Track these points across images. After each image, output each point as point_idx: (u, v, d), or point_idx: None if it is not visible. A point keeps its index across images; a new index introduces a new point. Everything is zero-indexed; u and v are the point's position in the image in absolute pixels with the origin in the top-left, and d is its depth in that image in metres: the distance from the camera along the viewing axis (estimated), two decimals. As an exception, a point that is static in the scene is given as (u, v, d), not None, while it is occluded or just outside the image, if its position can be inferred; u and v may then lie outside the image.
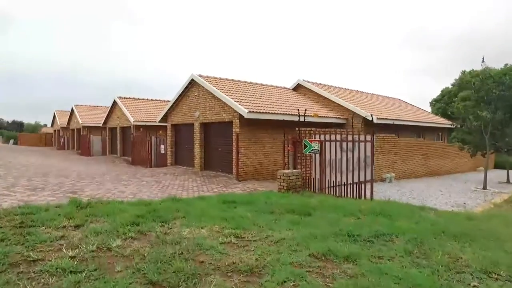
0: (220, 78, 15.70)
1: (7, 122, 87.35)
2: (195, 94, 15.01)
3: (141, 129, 20.93)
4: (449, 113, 34.22)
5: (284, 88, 19.14)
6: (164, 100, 25.20)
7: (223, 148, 13.83)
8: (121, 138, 24.04)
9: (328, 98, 17.24)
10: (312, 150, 9.65)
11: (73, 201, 5.54)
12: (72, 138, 34.18)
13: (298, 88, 19.17)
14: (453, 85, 36.85)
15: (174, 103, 16.61)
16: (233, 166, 12.84)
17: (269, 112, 12.82)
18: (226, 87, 14.46)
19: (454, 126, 24.62)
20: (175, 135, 17.33)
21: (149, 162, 17.97)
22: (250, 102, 13.20)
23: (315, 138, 9.91)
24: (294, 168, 9.82)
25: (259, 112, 12.41)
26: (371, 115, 15.36)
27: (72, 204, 5.44)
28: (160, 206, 6.17)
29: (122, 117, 22.97)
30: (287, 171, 9.17)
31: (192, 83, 15.32)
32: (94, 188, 7.81)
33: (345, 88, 21.54)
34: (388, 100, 24.06)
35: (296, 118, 13.18)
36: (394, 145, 15.34)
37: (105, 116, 25.99)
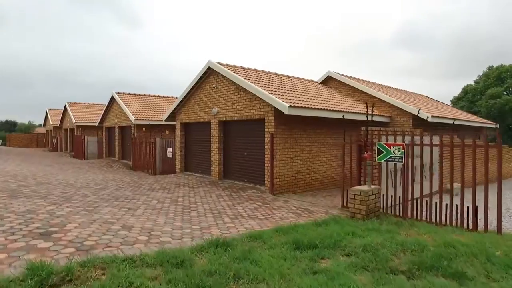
0: (242, 67, 12.93)
1: (1, 122, 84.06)
2: (213, 86, 12.22)
3: (143, 128, 18.11)
4: (474, 111, 31.75)
5: (312, 81, 16.40)
6: (170, 97, 22.38)
7: (250, 153, 11.04)
8: (119, 139, 21.17)
9: (366, 93, 14.51)
10: (390, 157, 6.91)
11: (33, 271, 2.74)
12: (65, 139, 31.22)
13: (327, 81, 16.44)
14: (476, 82, 34.31)
15: (184, 97, 13.81)
16: (265, 176, 10.07)
17: (317, 108, 10.09)
18: (252, 77, 11.69)
19: (496, 126, 22.09)
20: (185, 136, 14.52)
21: (154, 167, 15.15)
22: (286, 96, 10.42)
23: (395, 141, 7.15)
24: (359, 183, 7.06)
25: (305, 107, 9.66)
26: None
27: (29, 283, 2.63)
28: (202, 265, 3.39)
29: (121, 115, 20.13)
30: (364, 188, 6.39)
31: (208, 73, 12.53)
32: (84, 220, 4.96)
33: (374, 82, 18.82)
34: (420, 97, 21.39)
35: (352, 117, 10.62)
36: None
37: (102, 115, 23.09)
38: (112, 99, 21.40)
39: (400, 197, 6.99)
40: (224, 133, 12.20)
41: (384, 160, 7.09)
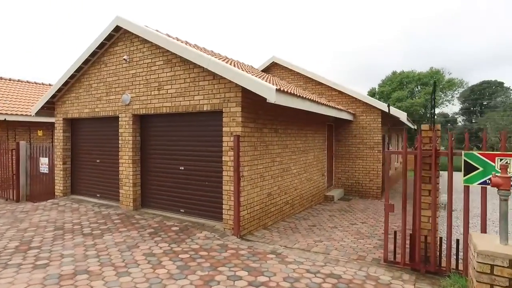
0: (168, 34, 8.48)
1: None
2: (124, 58, 7.53)
3: (-2, 127, 11.72)
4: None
5: (252, 67, 12.83)
6: (46, 84, 15.86)
7: (191, 166, 6.82)
8: (-42, 144, 13.83)
9: (324, 84, 11.75)
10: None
11: None
12: None
13: (271, 69, 13.14)
14: (381, 85, 36.09)
15: (71, 78, 8.63)
16: (223, 205, 6.06)
17: (310, 99, 6.71)
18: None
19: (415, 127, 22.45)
20: (72, 138, 9.28)
21: (15, 189, 9.37)
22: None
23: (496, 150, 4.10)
24: (415, 219, 3.82)
25: (298, 96, 6.35)
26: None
27: None
28: None
29: (-41, 107, 13.01)
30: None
31: (115, 37, 7.77)
32: None
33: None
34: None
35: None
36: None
37: None
38: None
39: None
40: (142, 135, 7.64)
41: (479, 184, 3.98)
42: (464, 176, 4.04)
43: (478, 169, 3.95)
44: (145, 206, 7.55)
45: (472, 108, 43.55)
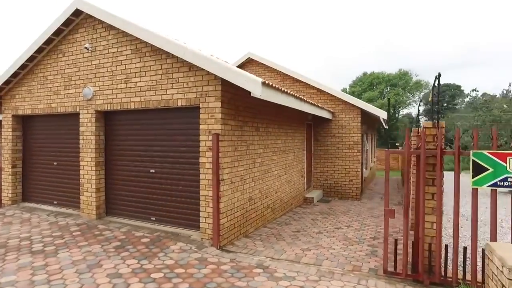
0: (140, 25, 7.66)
1: None
2: (85, 46, 6.63)
3: None
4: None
5: (226, 63, 12.17)
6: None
7: (164, 168, 6.08)
8: None
9: (302, 82, 11.34)
10: (506, 178, 3.55)
11: None
12: None
13: (246, 65, 12.54)
14: (352, 86, 36.59)
15: (21, 69, 7.56)
16: (200, 212, 5.40)
17: (294, 96, 6.14)
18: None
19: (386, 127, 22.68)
20: (24, 137, 8.18)
21: (-44, 197, 8.12)
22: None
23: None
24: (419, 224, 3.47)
25: (283, 91, 5.73)
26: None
27: None
28: None
29: None
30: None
31: (75, 23, 6.84)
32: None
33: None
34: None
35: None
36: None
37: None
38: None
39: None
40: (107, 133, 6.78)
41: (489, 186, 3.63)
42: (473, 177, 3.69)
43: (488, 170, 3.61)
44: (110, 214, 6.70)
45: (434, 109, 45.34)
